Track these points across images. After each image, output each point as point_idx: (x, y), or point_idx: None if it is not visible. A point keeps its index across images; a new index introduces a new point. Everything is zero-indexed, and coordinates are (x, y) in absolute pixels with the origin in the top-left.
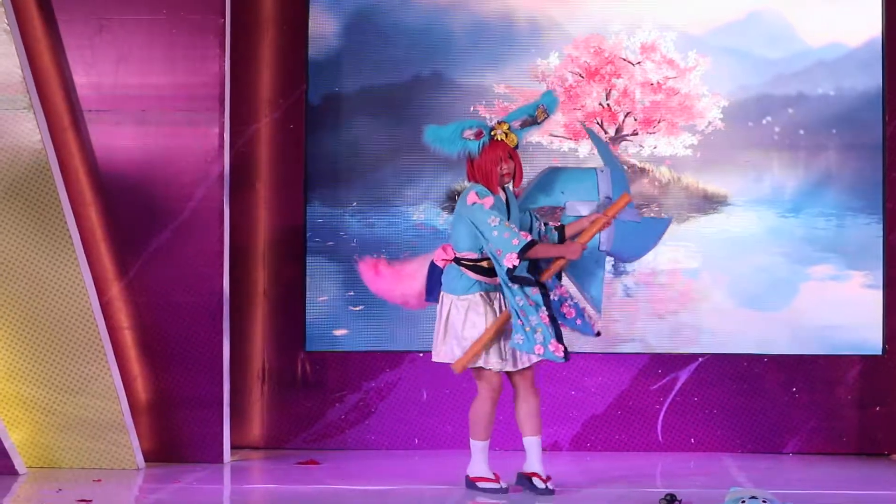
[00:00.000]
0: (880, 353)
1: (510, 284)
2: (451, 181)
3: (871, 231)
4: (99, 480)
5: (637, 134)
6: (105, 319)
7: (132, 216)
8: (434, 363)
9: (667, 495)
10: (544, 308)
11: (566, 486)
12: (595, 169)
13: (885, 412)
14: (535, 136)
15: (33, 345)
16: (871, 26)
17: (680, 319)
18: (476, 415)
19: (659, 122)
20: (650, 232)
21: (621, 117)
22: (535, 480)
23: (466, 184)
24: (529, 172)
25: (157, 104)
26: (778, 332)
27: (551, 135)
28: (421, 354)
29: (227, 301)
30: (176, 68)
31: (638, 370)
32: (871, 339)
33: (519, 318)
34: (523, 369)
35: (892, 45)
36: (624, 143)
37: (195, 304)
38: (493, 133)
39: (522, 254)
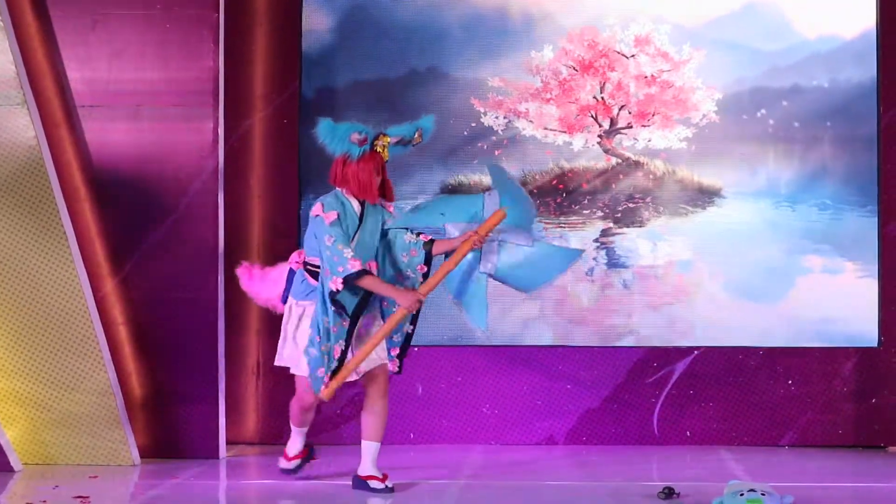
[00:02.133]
0: (876, 345)
1: (328, 303)
2: (445, 176)
3: (866, 223)
4: (95, 477)
5: (631, 127)
6: (100, 315)
7: (126, 212)
8: (431, 358)
9: (665, 488)
10: (342, 342)
11: (561, 480)
12: (483, 194)
13: (881, 404)
14: (529, 129)
15: (28, 341)
16: (866, 18)
17: (675, 312)
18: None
19: (653, 115)
20: (554, 262)
21: (616, 110)
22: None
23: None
24: (522, 165)
25: (151, 99)
26: (773, 325)
27: (545, 128)
28: (416, 349)
29: (223, 296)
30: (170, 63)
31: (633, 363)
32: (866, 331)
33: (318, 334)
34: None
35: (887, 36)
36: (618, 136)
37: (190, 300)
38: (374, 143)
39: (347, 282)
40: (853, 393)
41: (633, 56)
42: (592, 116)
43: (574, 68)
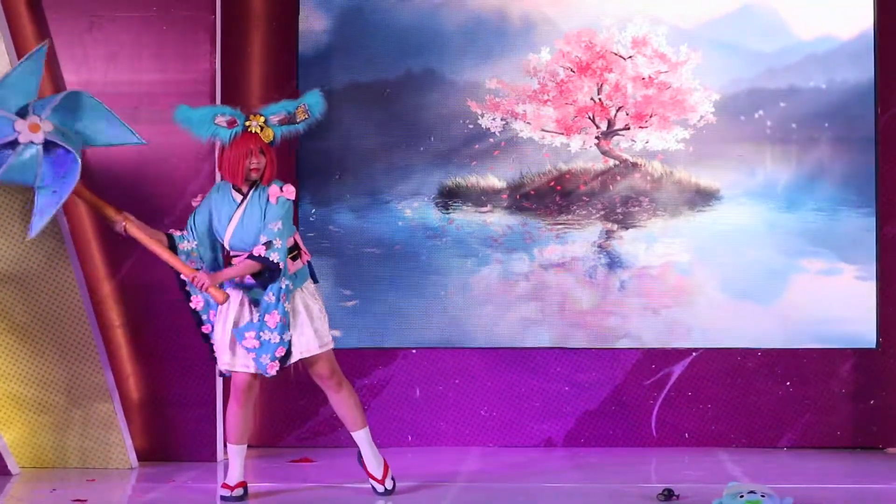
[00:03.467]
0: (874, 346)
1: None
2: (443, 177)
3: (863, 224)
4: (92, 480)
5: (629, 128)
6: (97, 318)
7: None
8: (428, 360)
9: (664, 490)
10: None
11: (560, 483)
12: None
13: (880, 405)
14: (526, 131)
15: (26, 344)
16: (863, 19)
17: (673, 314)
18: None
19: (651, 116)
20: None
21: (613, 112)
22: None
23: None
24: (519, 167)
25: (148, 101)
26: (771, 326)
27: (543, 130)
28: (414, 351)
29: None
30: (167, 65)
31: (631, 365)
32: (864, 333)
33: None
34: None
35: (884, 37)
36: (616, 137)
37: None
38: (247, 124)
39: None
40: (851, 394)
41: (630, 57)
42: (590, 118)
43: (571, 70)
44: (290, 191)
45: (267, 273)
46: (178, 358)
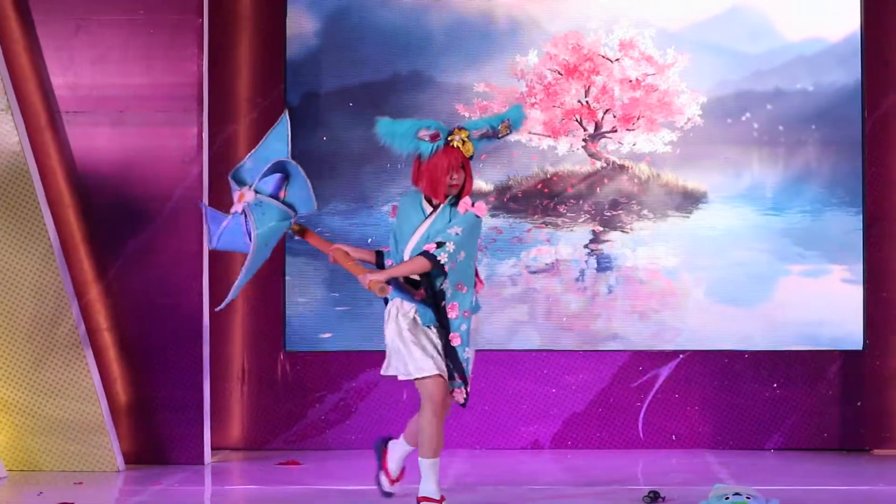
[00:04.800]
0: (861, 347)
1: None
2: None
3: (850, 226)
4: (80, 483)
5: (616, 131)
6: (84, 321)
7: (111, 217)
8: None
9: (650, 492)
10: None
11: (547, 485)
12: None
13: (866, 407)
14: (514, 134)
15: (13, 347)
16: (850, 21)
17: (660, 317)
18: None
19: (638, 118)
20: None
21: (600, 114)
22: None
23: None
24: (507, 170)
25: (135, 105)
26: (758, 329)
27: (530, 132)
28: None
29: (208, 302)
30: (154, 68)
31: (618, 368)
32: (851, 334)
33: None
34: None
35: (871, 39)
36: (603, 140)
37: (175, 306)
38: (449, 138)
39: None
40: (838, 396)
41: (617, 60)
42: (577, 120)
43: (559, 73)
44: (480, 208)
45: (426, 279)
46: (166, 361)
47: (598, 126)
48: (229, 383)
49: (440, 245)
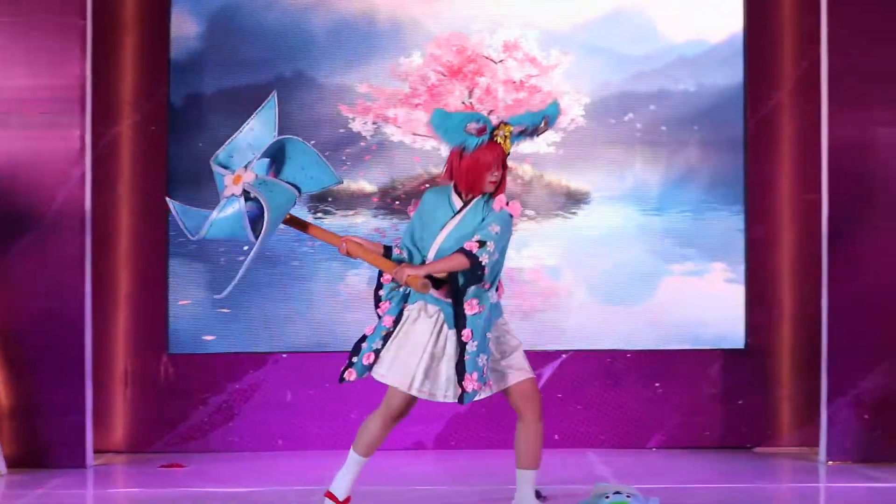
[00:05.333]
0: (742, 346)
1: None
2: None
3: (732, 225)
4: None
5: None
6: None
7: None
8: (298, 364)
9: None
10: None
11: (429, 485)
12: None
13: (748, 406)
14: (397, 135)
15: None
16: (733, 22)
17: (543, 317)
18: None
19: None
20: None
21: None
22: None
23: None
24: (390, 171)
25: (18, 107)
26: (641, 328)
27: (414, 134)
28: (284, 356)
29: (90, 305)
30: (37, 71)
31: None
32: (732, 333)
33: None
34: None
35: (753, 40)
36: None
37: (57, 309)
38: (494, 133)
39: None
40: (720, 394)
41: (501, 61)
42: None
43: (442, 74)
44: (515, 208)
45: (463, 280)
46: (48, 364)
47: None
48: (112, 386)
49: (482, 245)
